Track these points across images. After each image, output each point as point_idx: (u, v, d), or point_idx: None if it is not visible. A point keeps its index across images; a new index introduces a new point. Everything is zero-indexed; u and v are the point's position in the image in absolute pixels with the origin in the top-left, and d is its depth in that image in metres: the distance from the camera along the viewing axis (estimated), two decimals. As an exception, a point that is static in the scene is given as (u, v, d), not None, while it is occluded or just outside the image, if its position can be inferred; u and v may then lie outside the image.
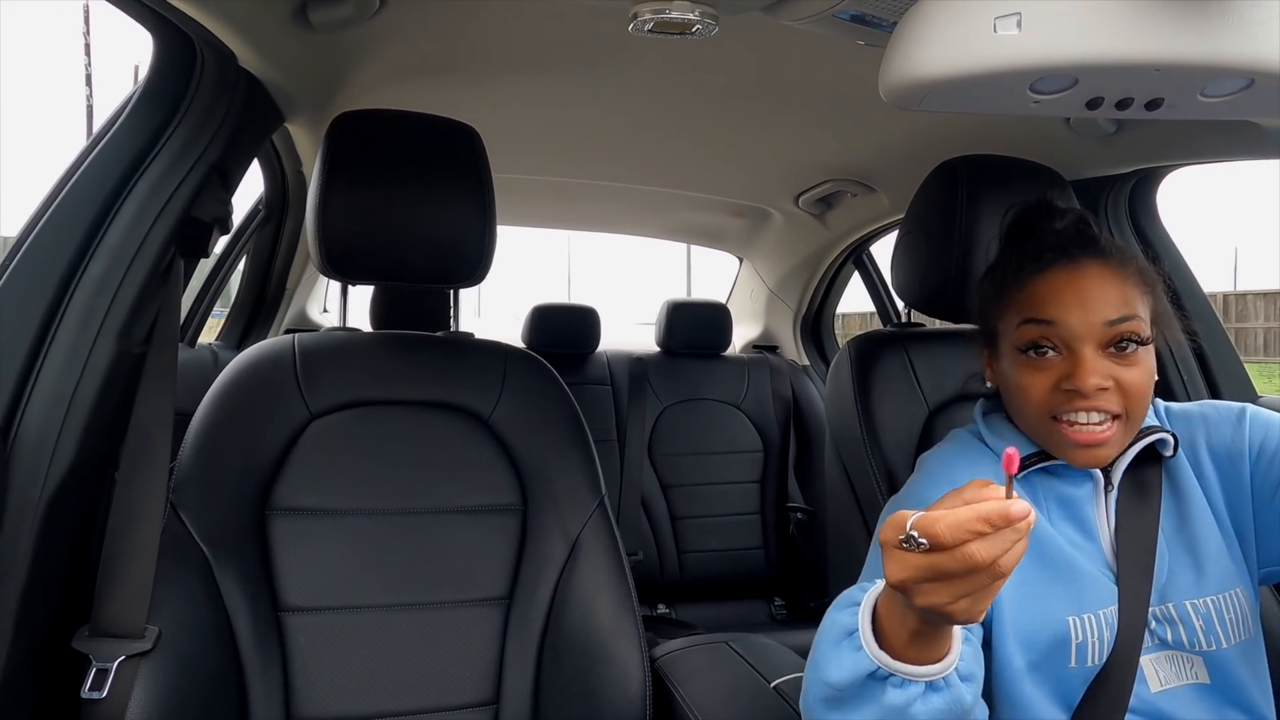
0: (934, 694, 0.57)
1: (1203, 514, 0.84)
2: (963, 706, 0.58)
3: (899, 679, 0.56)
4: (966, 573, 0.48)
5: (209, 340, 2.09)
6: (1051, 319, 0.79)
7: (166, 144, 0.90)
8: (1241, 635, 0.80)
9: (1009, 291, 0.84)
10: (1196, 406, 0.90)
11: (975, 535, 0.48)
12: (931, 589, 0.50)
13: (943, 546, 0.48)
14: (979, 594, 0.50)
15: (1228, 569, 0.82)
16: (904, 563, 0.50)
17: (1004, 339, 0.85)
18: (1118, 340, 0.78)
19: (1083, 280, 0.79)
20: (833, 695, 0.59)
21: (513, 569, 1.05)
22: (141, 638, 0.82)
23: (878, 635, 0.58)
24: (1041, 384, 0.79)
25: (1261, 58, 0.59)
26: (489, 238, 1.08)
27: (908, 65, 0.63)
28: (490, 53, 1.30)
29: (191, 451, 0.97)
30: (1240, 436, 0.85)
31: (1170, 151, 1.31)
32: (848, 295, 2.69)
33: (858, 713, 0.58)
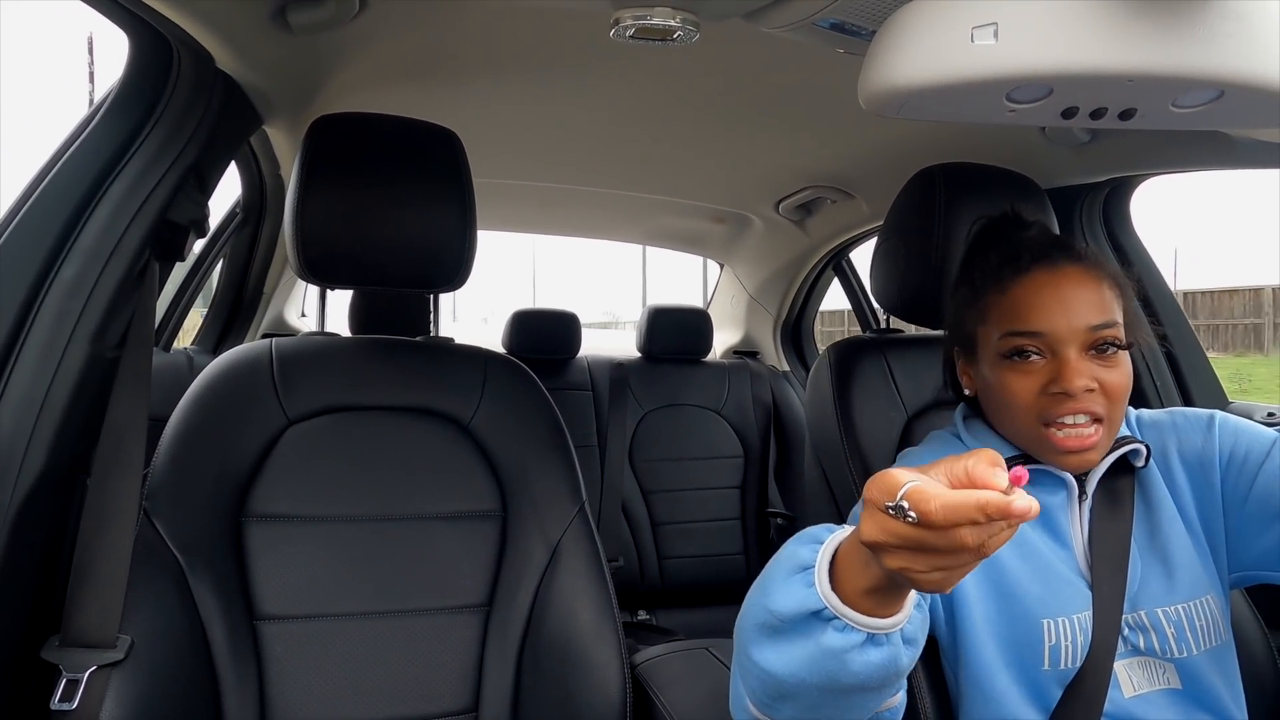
0: (873, 647, 0.55)
1: (1174, 522, 0.85)
2: (898, 667, 0.56)
3: (841, 623, 0.55)
4: (952, 550, 0.47)
5: (185, 344, 2.07)
6: (1039, 329, 0.79)
7: (142, 145, 0.89)
8: (1212, 641, 0.81)
9: (988, 295, 0.85)
10: (1167, 414, 0.92)
11: (969, 522, 0.46)
12: (907, 556, 0.49)
13: (933, 526, 0.46)
14: (955, 570, 0.49)
15: (1199, 576, 0.83)
16: (884, 526, 0.49)
17: (985, 345, 0.85)
18: (1100, 344, 0.79)
19: (1064, 284, 0.80)
20: (772, 624, 0.58)
21: (492, 575, 1.04)
22: (113, 647, 0.81)
23: (833, 579, 0.57)
24: (1029, 388, 0.80)
25: (1231, 70, 0.60)
26: (469, 242, 1.07)
27: (887, 73, 0.63)
28: (471, 57, 1.29)
29: (166, 457, 0.96)
30: (1210, 443, 0.86)
31: (1143, 161, 1.33)
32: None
33: (792, 646, 0.57)
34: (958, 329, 0.91)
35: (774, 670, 0.59)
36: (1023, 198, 1.19)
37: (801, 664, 0.57)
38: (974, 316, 0.87)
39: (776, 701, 0.61)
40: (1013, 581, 0.80)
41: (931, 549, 0.47)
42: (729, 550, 2.34)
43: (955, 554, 0.47)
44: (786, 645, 0.58)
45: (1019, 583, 0.80)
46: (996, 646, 0.79)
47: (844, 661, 0.55)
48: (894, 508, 0.48)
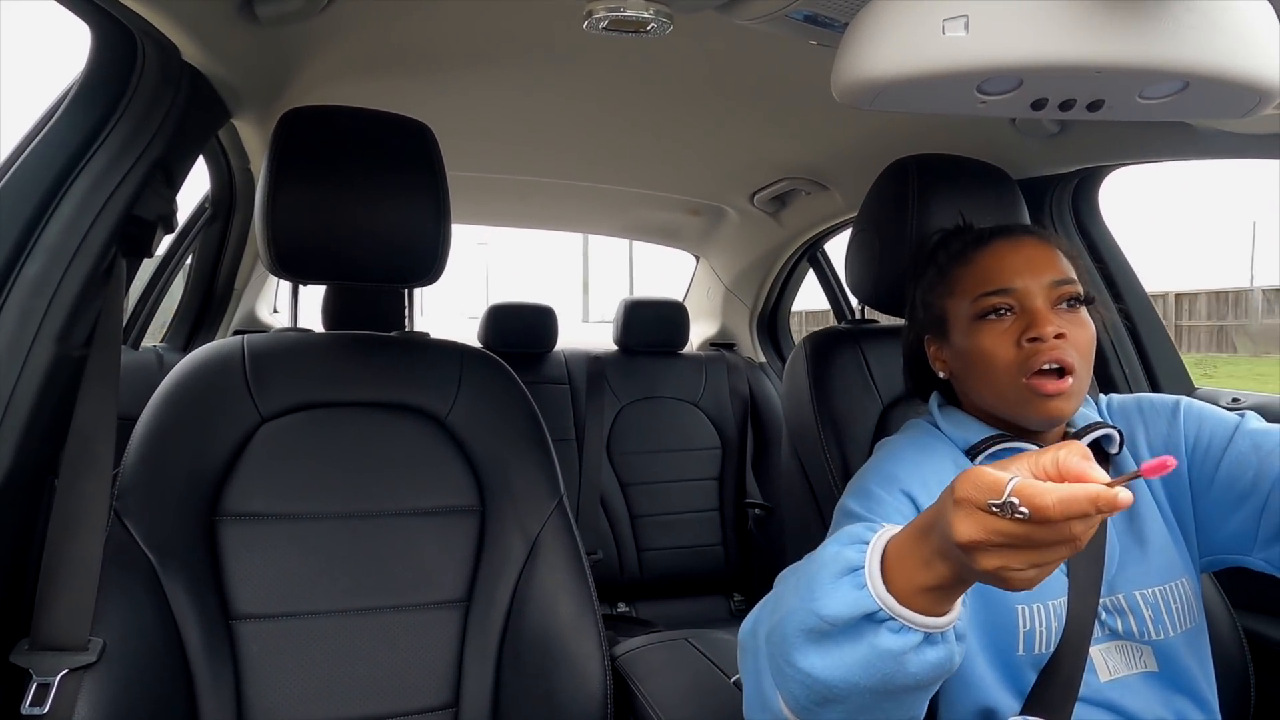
0: (930, 647, 0.55)
1: (1148, 507, 0.87)
2: (951, 665, 0.56)
3: (898, 624, 0.54)
4: (1056, 544, 0.47)
5: (154, 342, 2.03)
6: (1006, 286, 0.84)
7: (106, 140, 0.88)
8: (1187, 623, 0.83)
9: (954, 270, 0.89)
10: (1134, 400, 0.94)
11: (1081, 515, 0.46)
12: (1006, 555, 0.48)
13: (1048, 521, 0.46)
14: (1049, 566, 0.49)
15: (1173, 559, 0.85)
16: (987, 525, 0.48)
17: (956, 318, 0.88)
18: (1065, 299, 0.84)
19: (1024, 248, 0.86)
20: (820, 629, 0.57)
21: (471, 571, 1.04)
22: (85, 650, 0.80)
23: (885, 580, 0.56)
24: (1005, 343, 0.83)
25: (1195, 62, 0.61)
26: (444, 236, 1.07)
27: (859, 65, 0.64)
28: (443, 49, 1.28)
29: (136, 457, 0.95)
30: (1176, 430, 0.89)
31: (1111, 151, 1.35)
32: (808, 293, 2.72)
33: (843, 650, 0.56)
34: (926, 313, 0.94)
35: (823, 676, 0.57)
36: (994, 188, 1.21)
37: (854, 668, 0.56)
38: (942, 294, 0.90)
39: (821, 706, 0.59)
40: None
41: (1035, 545, 0.47)
42: (707, 542, 2.36)
43: (1055, 548, 0.47)
44: (836, 650, 0.56)
45: None
46: (973, 633, 0.80)
47: (902, 663, 0.54)
48: (1001, 505, 0.47)
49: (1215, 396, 1.40)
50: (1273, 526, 0.80)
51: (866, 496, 0.83)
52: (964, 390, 0.91)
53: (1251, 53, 0.62)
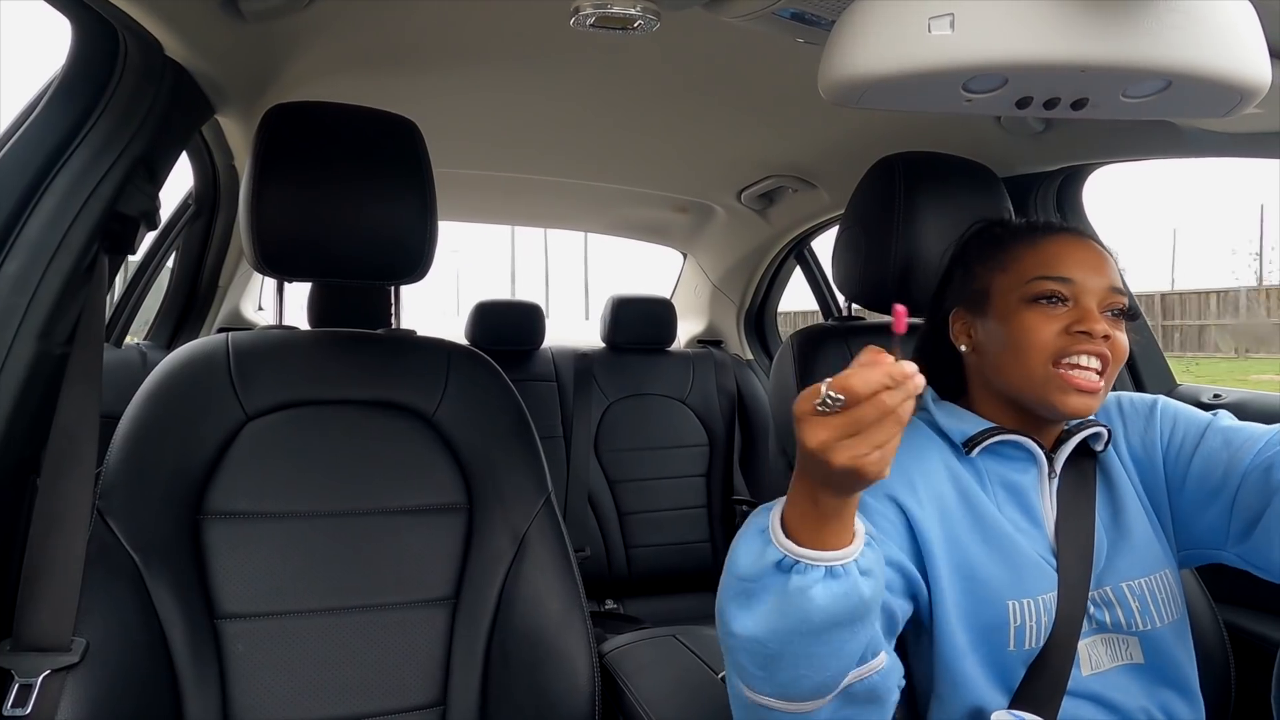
0: (832, 580, 0.60)
1: (1132, 501, 0.88)
2: (860, 597, 0.61)
3: (802, 565, 0.60)
4: (879, 419, 0.54)
5: (137, 340, 2.02)
6: (1069, 276, 0.84)
7: (88, 136, 0.87)
8: (1173, 614, 0.84)
9: (1015, 247, 0.89)
10: (1114, 399, 0.95)
11: (883, 387, 0.54)
12: (849, 444, 0.55)
13: (858, 399, 0.54)
14: (888, 444, 0.55)
15: (1157, 552, 0.86)
16: (823, 424, 0.55)
17: (1004, 294, 0.87)
18: (1115, 307, 0.84)
19: (1091, 250, 0.86)
20: (743, 589, 0.63)
21: (459, 569, 1.04)
22: (68, 650, 0.79)
23: (787, 533, 0.62)
24: (1051, 328, 0.83)
25: (1178, 61, 0.61)
26: (430, 233, 1.06)
27: (845, 63, 0.64)
28: (429, 45, 1.28)
29: (119, 455, 0.94)
30: (1153, 429, 0.90)
31: (1095, 149, 1.36)
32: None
33: (763, 603, 0.62)
34: (967, 284, 0.92)
35: (754, 633, 0.62)
36: (980, 186, 1.21)
37: (774, 615, 0.61)
38: (992, 268, 0.89)
39: (767, 669, 0.63)
40: (978, 565, 0.82)
41: (864, 424, 0.54)
42: (695, 538, 2.36)
43: (882, 424, 0.54)
44: (758, 604, 0.62)
45: (984, 566, 0.82)
46: (965, 631, 0.80)
47: (809, 597, 0.60)
48: (823, 401, 0.55)
49: (1196, 393, 1.42)
50: (1243, 521, 0.81)
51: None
52: (984, 370, 0.89)
53: (1233, 52, 0.62)
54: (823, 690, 0.65)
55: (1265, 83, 0.64)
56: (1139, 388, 1.50)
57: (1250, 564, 0.82)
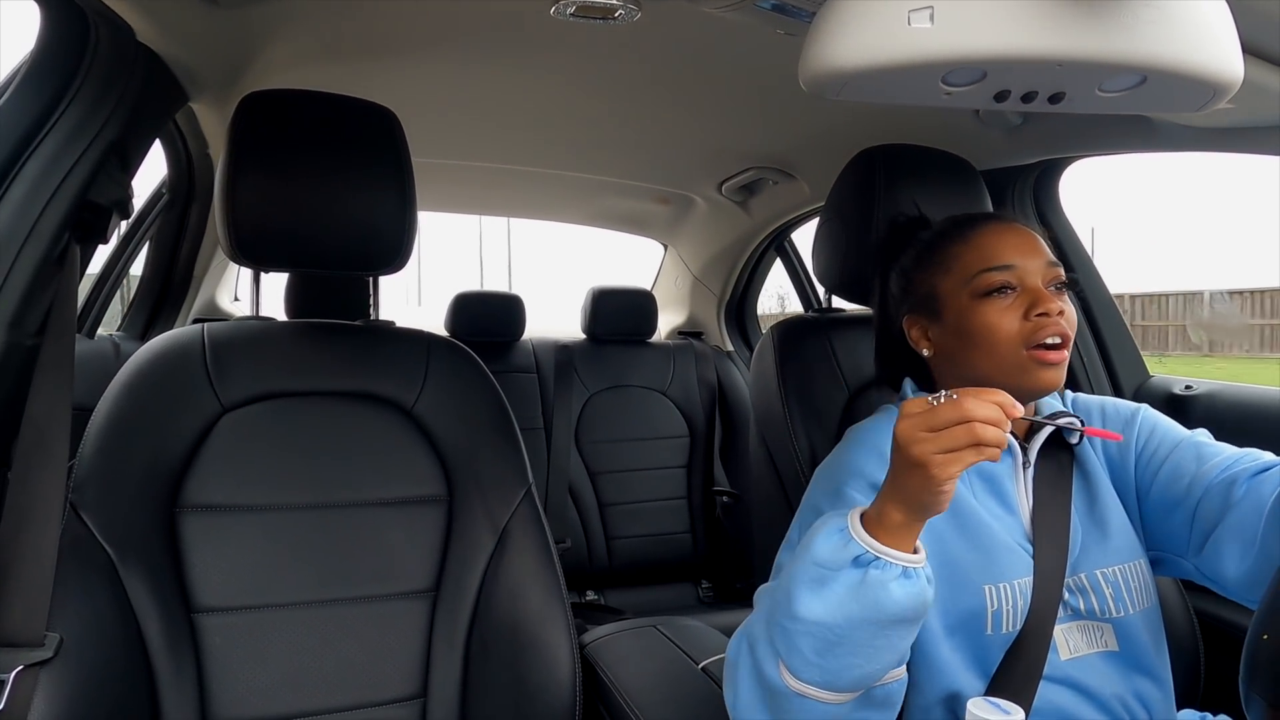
0: (906, 579, 0.67)
1: (1109, 493, 0.91)
2: (925, 599, 0.69)
3: (881, 561, 0.67)
4: (960, 420, 0.63)
5: (110, 330, 1.99)
6: (1010, 263, 0.86)
7: (58, 123, 0.85)
8: (1145, 603, 0.86)
9: (950, 248, 0.90)
10: (1098, 400, 0.98)
11: (986, 402, 0.64)
12: (926, 442, 0.64)
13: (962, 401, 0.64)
14: (959, 454, 0.63)
15: (1132, 541, 0.89)
16: (913, 418, 0.66)
17: (952, 295, 0.89)
18: (1057, 281, 0.87)
19: (1019, 233, 0.89)
20: (818, 575, 0.69)
21: (439, 561, 1.03)
22: (41, 646, 0.78)
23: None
24: (1012, 317, 0.85)
25: (1153, 56, 0.62)
26: (409, 223, 1.05)
27: (826, 55, 0.64)
28: (409, 33, 1.26)
29: (93, 448, 0.92)
30: (1130, 432, 0.93)
31: (1072, 143, 1.37)
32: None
33: (837, 587, 0.68)
34: (910, 293, 0.94)
35: (823, 618, 0.68)
36: (959, 179, 1.22)
37: (848, 601, 0.67)
38: (934, 272, 0.91)
39: (824, 654, 0.68)
40: (954, 551, 0.83)
41: (943, 422, 0.64)
42: (676, 529, 2.37)
43: (958, 430, 0.63)
44: (831, 590, 0.68)
45: (960, 552, 0.83)
46: (940, 617, 0.82)
47: (888, 590, 0.67)
48: (936, 396, 0.66)
49: (1169, 384, 1.44)
50: (1201, 534, 0.84)
51: (838, 498, 0.85)
52: (953, 366, 0.91)
53: (1206, 48, 0.63)
54: (862, 684, 0.71)
55: (1237, 79, 0.65)
56: (1113, 379, 1.52)
57: (1206, 577, 0.85)
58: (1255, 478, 0.80)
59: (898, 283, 0.97)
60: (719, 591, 2.40)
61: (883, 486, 0.70)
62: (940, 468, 0.64)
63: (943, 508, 0.67)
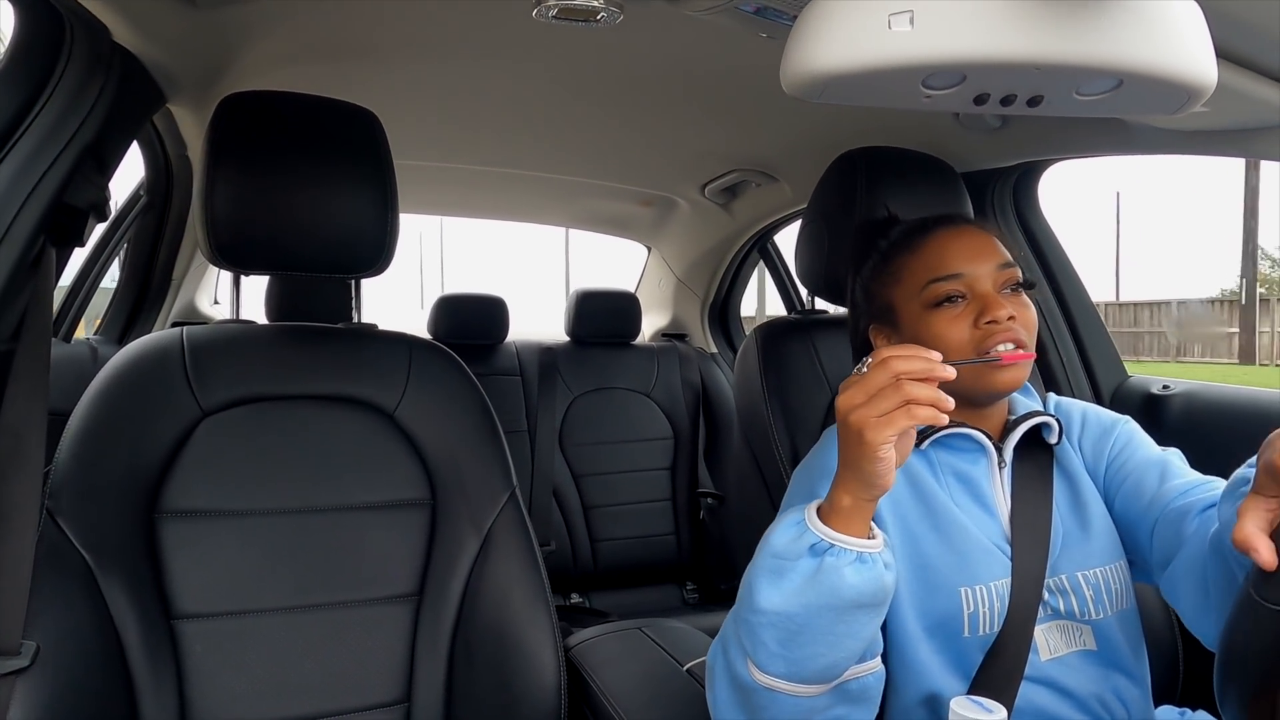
0: (861, 564, 0.68)
1: (1090, 493, 0.91)
2: (883, 583, 0.69)
3: (836, 548, 0.68)
4: (890, 384, 0.63)
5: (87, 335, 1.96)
6: (957, 272, 0.86)
7: (33, 124, 0.84)
8: (1124, 604, 0.86)
9: (899, 259, 0.91)
10: (1080, 406, 0.98)
11: (906, 358, 0.64)
12: (863, 408, 0.64)
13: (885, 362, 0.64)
14: (892, 415, 0.63)
15: (1113, 543, 0.89)
16: (848, 390, 0.66)
17: (905, 306, 0.89)
18: (1010, 283, 0.87)
19: (968, 237, 0.89)
20: (775, 566, 0.69)
21: (422, 565, 1.03)
22: (17, 654, 0.77)
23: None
24: (961, 327, 0.85)
25: (1129, 60, 0.63)
26: (391, 226, 1.05)
27: (807, 58, 0.64)
28: (389, 35, 1.26)
29: (70, 454, 0.91)
30: (1105, 441, 0.93)
31: (1050, 146, 1.39)
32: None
33: (795, 576, 0.68)
34: (870, 304, 0.95)
35: (783, 607, 0.68)
36: (940, 181, 1.23)
37: (807, 588, 0.68)
38: (887, 283, 0.92)
39: (787, 644, 0.69)
40: (930, 553, 0.83)
41: (875, 387, 0.64)
42: (660, 531, 2.37)
43: (890, 391, 0.63)
44: (789, 579, 0.68)
45: (936, 554, 0.83)
46: (917, 619, 0.82)
47: (842, 575, 0.67)
48: (858, 369, 0.67)
49: (1147, 384, 1.46)
50: (1161, 555, 0.83)
51: (811, 498, 0.84)
52: None
53: (1181, 53, 0.64)
54: (829, 673, 0.71)
55: (1212, 82, 0.66)
56: (1091, 379, 1.54)
57: (1170, 600, 0.84)
58: (1204, 513, 0.79)
59: (860, 293, 0.97)
60: (704, 593, 2.41)
61: (836, 475, 0.70)
62: (875, 430, 0.63)
63: (888, 484, 0.66)
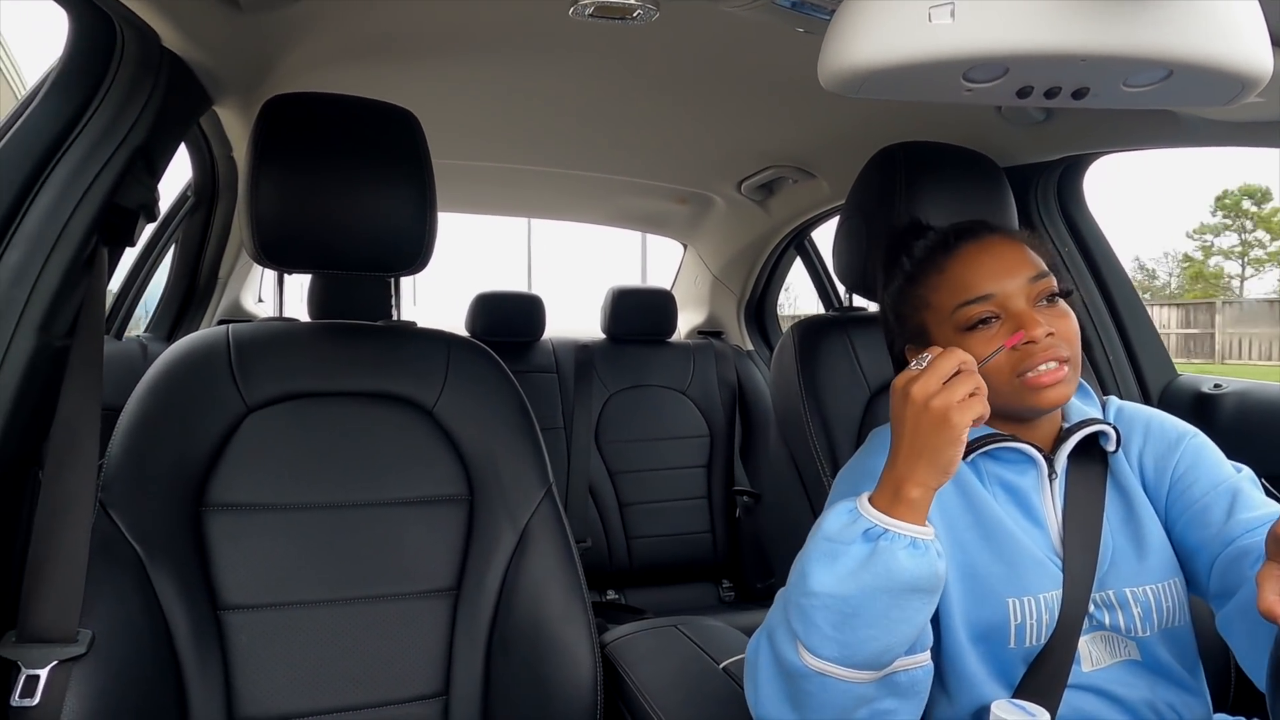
0: (914, 549, 0.69)
1: (1146, 509, 0.87)
2: (935, 570, 0.69)
3: (890, 533, 0.69)
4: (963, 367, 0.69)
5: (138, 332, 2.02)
6: (987, 293, 0.82)
7: (86, 127, 0.86)
8: (1176, 622, 0.83)
9: (926, 280, 0.87)
10: (1145, 414, 0.93)
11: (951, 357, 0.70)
12: (943, 393, 0.68)
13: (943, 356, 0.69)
14: (968, 401, 0.68)
15: (1168, 560, 0.85)
16: (920, 379, 0.69)
17: (938, 330, 0.86)
18: (1043, 295, 0.83)
19: (993, 249, 0.85)
20: (829, 549, 0.70)
21: (460, 560, 1.04)
22: (74, 642, 0.79)
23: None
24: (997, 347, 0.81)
25: (1180, 50, 0.61)
26: (429, 225, 1.06)
27: (845, 53, 0.64)
28: (428, 36, 1.27)
29: (121, 447, 0.94)
30: (1171, 456, 0.88)
31: (1096, 139, 1.36)
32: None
33: (848, 559, 0.69)
34: (903, 326, 0.92)
35: (836, 590, 0.69)
36: (981, 176, 1.21)
37: (861, 571, 0.69)
38: (918, 307, 0.88)
39: (840, 627, 0.69)
40: (978, 563, 0.82)
41: (947, 375, 0.68)
42: (696, 529, 2.36)
43: (966, 377, 0.68)
44: (842, 562, 0.69)
45: (984, 564, 0.82)
46: (965, 628, 0.80)
47: (896, 556, 0.68)
48: (921, 358, 0.71)
49: (1197, 383, 1.42)
50: (1220, 587, 0.79)
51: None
52: None
53: (1234, 41, 0.62)
54: (881, 659, 0.70)
55: (1267, 72, 0.64)
56: (1139, 377, 1.50)
57: (1224, 636, 0.80)
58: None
59: (891, 314, 0.94)
60: (740, 592, 2.40)
61: (886, 468, 0.71)
62: (960, 412, 0.67)
63: (954, 469, 0.69)
